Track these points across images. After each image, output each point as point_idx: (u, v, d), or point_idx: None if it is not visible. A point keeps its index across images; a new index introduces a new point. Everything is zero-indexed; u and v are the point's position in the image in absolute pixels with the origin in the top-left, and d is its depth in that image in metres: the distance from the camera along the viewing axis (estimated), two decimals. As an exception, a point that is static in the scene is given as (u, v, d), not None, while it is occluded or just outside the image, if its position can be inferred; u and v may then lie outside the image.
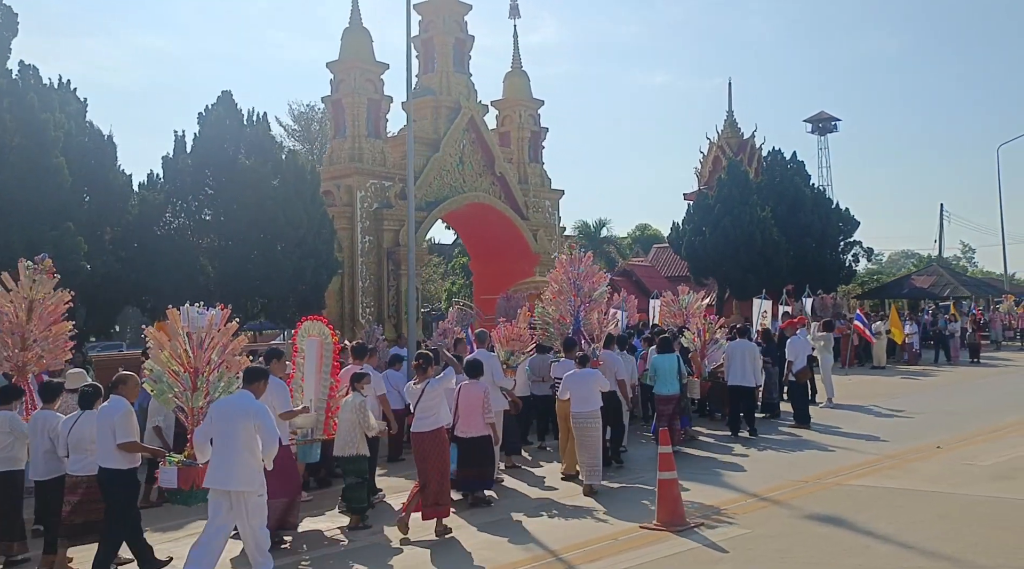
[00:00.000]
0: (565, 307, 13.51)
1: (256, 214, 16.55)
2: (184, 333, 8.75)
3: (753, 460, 12.22)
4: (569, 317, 13.52)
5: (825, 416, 16.66)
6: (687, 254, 34.57)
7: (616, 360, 13.15)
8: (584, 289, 13.51)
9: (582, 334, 13.47)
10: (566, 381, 11.46)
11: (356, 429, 9.54)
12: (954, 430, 13.99)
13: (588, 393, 11.14)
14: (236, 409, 7.23)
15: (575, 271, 13.51)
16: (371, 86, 23.87)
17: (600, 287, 13.73)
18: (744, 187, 34.20)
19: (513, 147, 28.16)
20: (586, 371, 11.37)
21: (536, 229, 27.37)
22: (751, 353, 15.29)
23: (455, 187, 25.59)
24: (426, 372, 9.55)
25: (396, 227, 23.54)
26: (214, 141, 17.34)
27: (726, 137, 46.45)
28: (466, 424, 10.25)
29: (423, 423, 9.32)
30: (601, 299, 13.75)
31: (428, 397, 9.31)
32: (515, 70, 28.86)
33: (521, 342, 13.18)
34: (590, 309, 13.59)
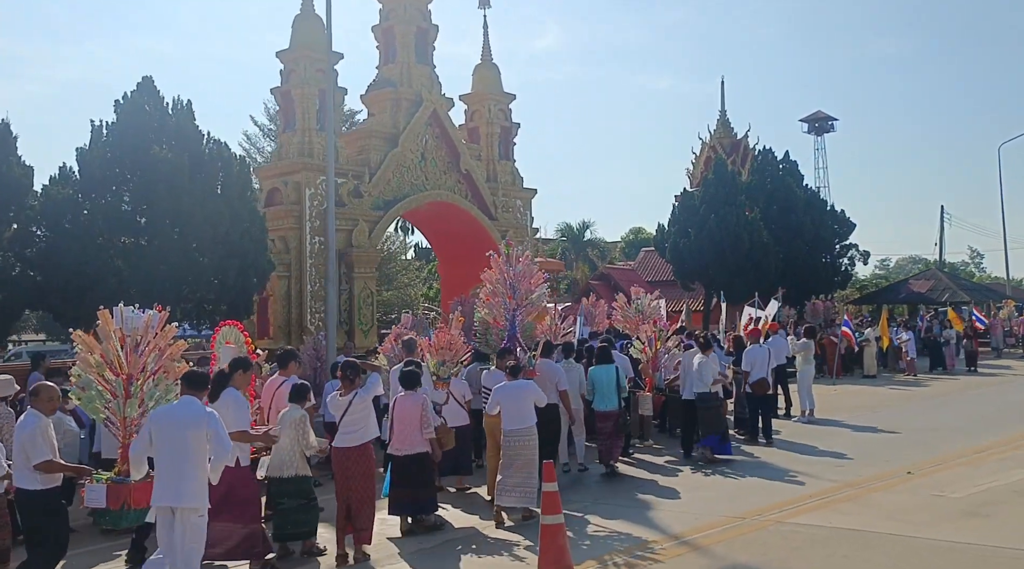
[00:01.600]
0: (499, 310, 12.02)
1: (171, 209, 15.09)
2: (116, 336, 7.98)
3: (694, 488, 10.69)
4: (504, 321, 12.02)
5: (797, 432, 15.15)
6: (672, 257, 33.02)
7: (556, 370, 11.73)
8: (520, 291, 12.01)
9: (517, 340, 11.99)
10: (495, 394, 10.17)
11: (295, 447, 8.45)
12: (932, 450, 12.45)
13: (521, 408, 9.83)
14: (183, 418, 6.60)
15: (511, 271, 12.00)
16: (323, 77, 22.38)
17: (538, 289, 12.22)
18: (731, 187, 32.63)
19: (482, 143, 26.66)
20: (519, 383, 9.98)
21: (505, 230, 25.82)
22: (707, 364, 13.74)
23: (416, 185, 24.10)
24: (352, 383, 8.49)
25: (349, 227, 22.07)
26: (131, 131, 15.89)
27: (719, 137, 44.99)
28: (401, 440, 9.23)
29: (348, 437, 8.37)
30: (539, 302, 12.23)
31: (355, 409, 8.36)
32: (485, 62, 27.35)
33: (454, 351, 11.67)
34: (527, 313, 12.08)
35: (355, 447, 8.30)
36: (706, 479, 11.28)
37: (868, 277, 64.53)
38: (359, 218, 22.20)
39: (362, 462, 8.31)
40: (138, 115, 16.12)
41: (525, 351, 11.95)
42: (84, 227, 15.37)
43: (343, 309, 22.10)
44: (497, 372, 11.08)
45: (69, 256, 14.93)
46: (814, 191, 39.06)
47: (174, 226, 15.24)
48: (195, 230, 15.32)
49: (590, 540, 8.39)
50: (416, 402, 9.26)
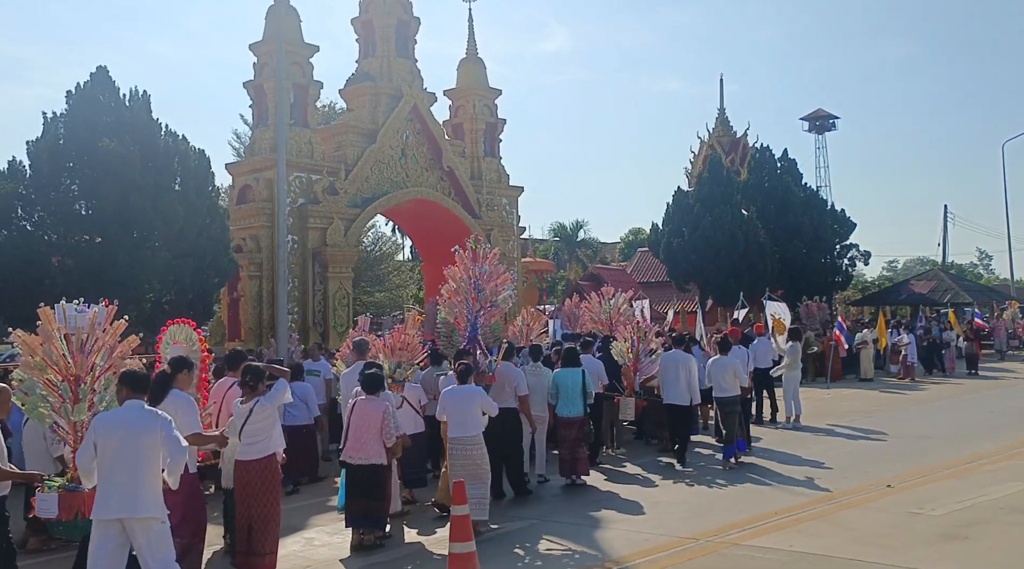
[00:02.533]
0: (461, 310, 11.22)
1: (119, 205, 14.37)
2: (61, 335, 7.44)
3: (658, 502, 9.88)
4: (465, 322, 11.23)
5: (780, 439, 14.33)
6: (665, 257, 32.19)
7: (515, 374, 10.94)
8: (486, 291, 11.21)
9: (478, 342, 11.20)
10: (442, 399, 9.46)
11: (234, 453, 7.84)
12: (919, 460, 11.62)
13: (467, 415, 9.15)
14: (133, 423, 6.09)
15: (477, 269, 11.19)
16: (298, 70, 21.71)
17: (504, 290, 11.42)
18: (726, 185, 31.78)
19: (467, 140, 25.91)
20: (466, 388, 9.24)
21: (490, 229, 25.09)
22: (687, 366, 12.94)
23: (396, 182, 23.35)
24: (254, 389, 7.73)
25: (323, 225, 21.35)
26: (82, 123, 15.18)
27: (717, 136, 44.20)
28: (357, 448, 8.55)
29: (249, 449, 7.59)
30: (505, 304, 11.41)
31: (257, 418, 7.58)
32: (469, 57, 26.63)
33: (410, 352, 10.88)
34: (491, 315, 11.29)
35: (257, 460, 7.53)
36: (672, 489, 10.49)
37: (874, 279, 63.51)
38: (334, 216, 21.47)
39: (265, 476, 7.54)
40: (90, 106, 15.39)
41: (486, 354, 11.17)
42: (34, 223, 14.64)
43: (317, 310, 21.39)
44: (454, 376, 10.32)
45: (16, 254, 14.22)
46: (813, 190, 38.17)
47: (123, 223, 14.47)
48: (146, 227, 14.56)
49: (524, 561, 7.61)
50: (378, 408, 8.58)
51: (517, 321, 16.64)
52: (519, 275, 26.72)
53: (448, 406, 9.23)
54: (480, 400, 9.29)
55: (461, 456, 9.09)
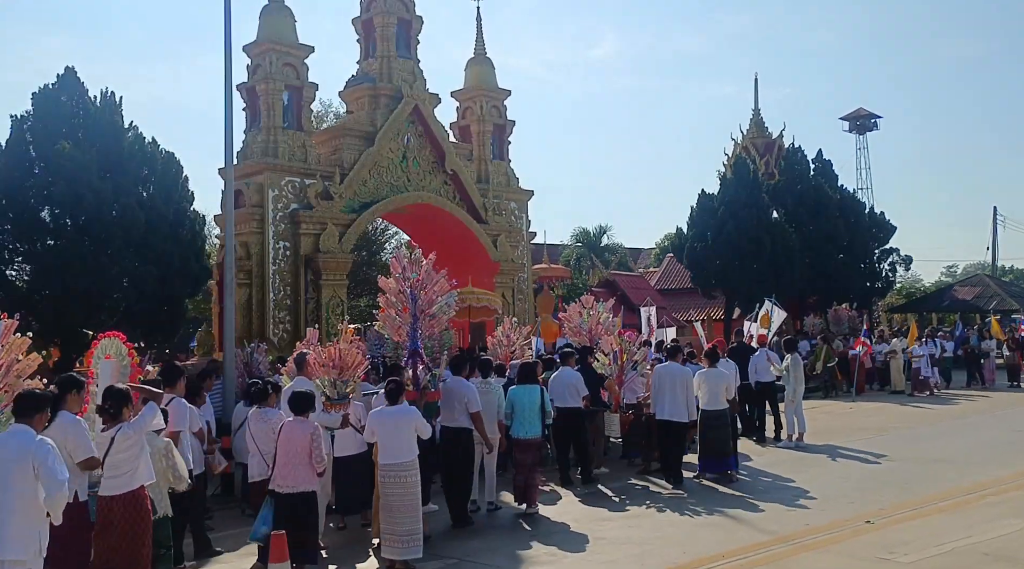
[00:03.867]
0: (396, 323, 10.35)
1: (75, 210, 13.82)
2: None
3: (602, 537, 8.87)
4: (404, 335, 10.35)
5: (774, 460, 13.21)
6: (689, 262, 30.95)
7: (465, 389, 10.04)
8: (420, 301, 10.32)
9: (420, 356, 10.31)
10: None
11: (161, 481, 7.34)
12: (914, 489, 10.41)
13: (399, 438, 8.31)
14: (7, 450, 5.69)
15: (410, 278, 10.32)
16: (292, 71, 21.03)
17: (442, 299, 10.53)
18: (753, 187, 30.41)
19: (474, 142, 25.03)
20: (397, 409, 8.35)
21: (496, 234, 24.15)
22: (683, 380, 11.88)
23: (396, 186, 22.55)
24: (117, 415, 6.93)
25: (316, 231, 20.61)
26: (42, 126, 14.71)
27: (751, 137, 42.65)
28: (284, 475, 7.82)
29: (112, 483, 6.82)
30: (442, 313, 10.52)
31: (120, 447, 6.81)
32: (478, 56, 25.74)
33: (346, 367, 10.02)
34: (430, 326, 10.39)
35: (119, 495, 6.74)
36: (628, 525, 9.43)
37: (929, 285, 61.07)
38: (328, 221, 20.73)
39: (129, 514, 6.74)
40: (53, 108, 14.89)
41: (428, 369, 10.27)
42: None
43: (309, 319, 20.66)
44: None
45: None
46: (850, 192, 36.47)
47: (80, 228, 13.92)
48: (103, 232, 13.97)
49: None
50: (305, 430, 7.86)
51: (497, 333, 15.74)
52: (528, 282, 25.75)
53: (378, 429, 8.35)
54: (412, 421, 8.41)
55: (393, 484, 8.21)
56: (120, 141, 15.07)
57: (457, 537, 9.20)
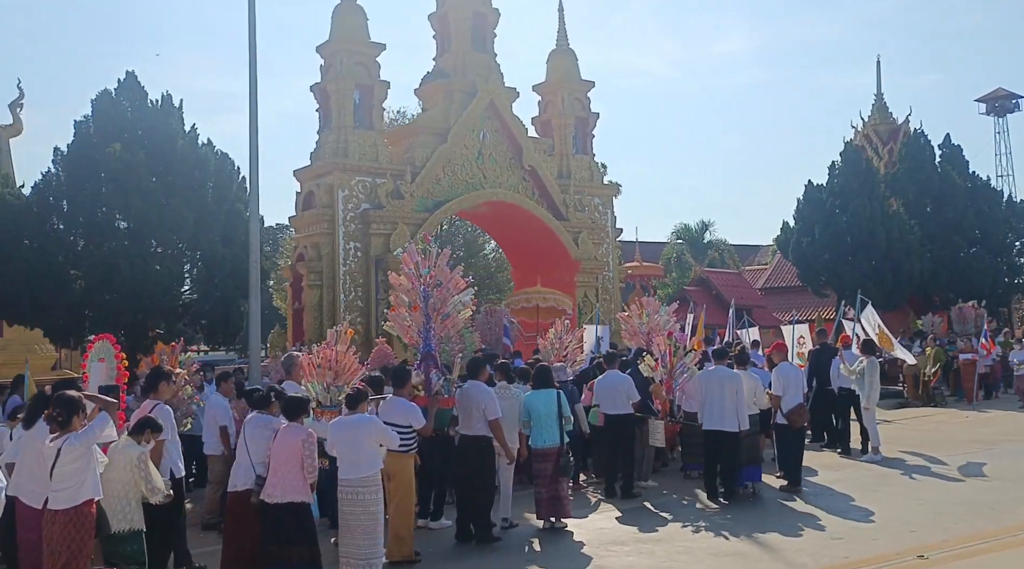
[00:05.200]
0: (407, 323, 9.67)
1: (123, 213, 13.89)
2: None
3: (604, 563, 7.90)
4: (417, 337, 9.67)
5: (845, 477, 11.78)
6: (795, 258, 29.00)
7: (485, 395, 9.23)
8: (432, 299, 9.60)
9: (434, 359, 9.60)
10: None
11: (130, 493, 7.00)
12: (989, 518, 8.89)
13: (359, 451, 7.63)
14: None
15: (423, 275, 9.61)
16: (363, 70, 20.84)
17: (460, 296, 9.78)
18: (866, 177, 28.23)
19: (555, 136, 24.18)
20: (356, 418, 7.72)
21: (578, 231, 23.22)
22: (732, 385, 10.73)
23: (471, 183, 21.99)
24: (66, 424, 6.54)
25: (387, 231, 20.29)
26: (99, 130, 14.91)
27: (873, 124, 39.91)
28: (274, 483, 7.33)
29: (57, 497, 6.42)
30: (456, 312, 9.75)
31: (66, 459, 6.40)
32: (560, 48, 24.88)
33: (342, 371, 9.45)
34: (443, 327, 9.66)
35: (63, 510, 6.34)
36: (642, 550, 8.42)
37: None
38: (398, 221, 20.38)
39: (72, 531, 6.33)
40: (111, 111, 15.07)
41: (441, 373, 9.55)
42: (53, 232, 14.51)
43: (380, 320, 20.33)
44: (396, 399, 8.79)
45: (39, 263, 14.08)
46: (984, 180, 33.32)
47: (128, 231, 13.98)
48: (150, 235, 13.97)
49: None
50: (296, 436, 7.32)
51: (549, 334, 14.83)
52: (615, 281, 24.66)
53: (336, 441, 7.69)
54: (375, 431, 7.70)
55: (350, 501, 7.52)
56: (173, 143, 15.04)
57: (452, 556, 8.42)
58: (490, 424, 9.14)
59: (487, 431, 9.17)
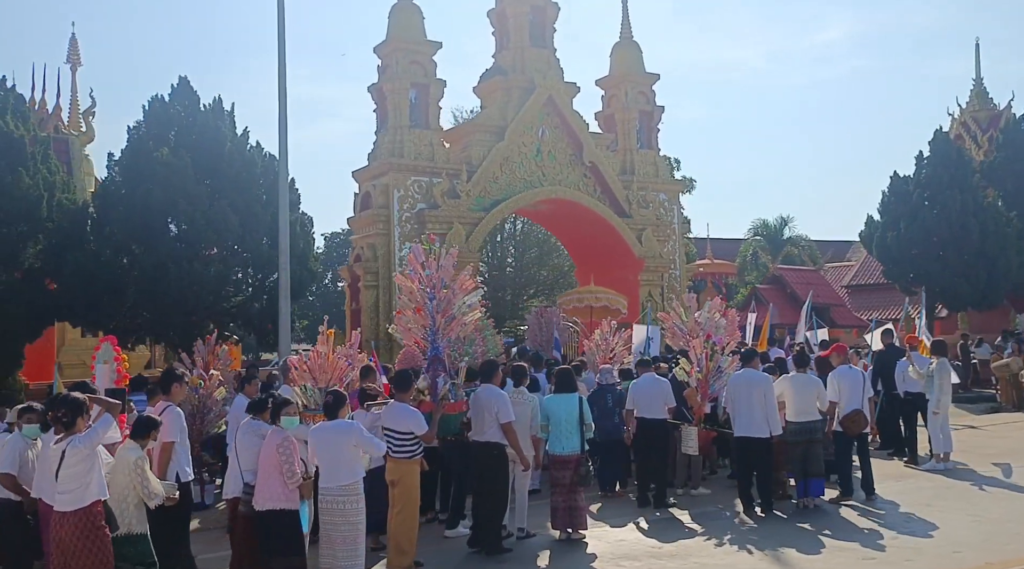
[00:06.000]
0: (415, 326, 9.38)
1: (170, 216, 14.08)
2: None
3: None
4: (425, 340, 9.37)
5: (905, 488, 10.92)
6: (879, 254, 27.52)
7: (499, 399, 8.84)
8: (438, 299, 9.30)
9: (442, 363, 9.29)
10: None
11: (129, 497, 6.91)
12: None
13: (339, 458, 7.34)
14: None
15: (430, 274, 9.32)
16: (419, 69, 20.70)
17: (468, 296, 9.44)
18: (957, 166, 26.50)
19: (618, 131, 23.55)
20: (335, 424, 7.44)
21: (642, 228, 22.54)
22: (760, 389, 10.07)
23: (530, 181, 21.58)
24: (71, 426, 6.45)
25: (443, 231, 20.05)
26: (150, 136, 15.18)
27: (972, 110, 37.73)
28: (259, 489, 7.21)
29: (64, 499, 6.35)
30: (462, 314, 9.42)
31: (71, 461, 6.31)
32: (624, 41, 24.22)
33: (331, 375, 9.23)
34: (451, 330, 9.33)
35: (71, 512, 6.25)
36: (652, 566, 7.85)
37: None
38: (454, 220, 20.15)
39: (82, 533, 6.23)
40: (161, 116, 15.34)
41: (449, 376, 9.21)
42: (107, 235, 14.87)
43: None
44: (397, 405, 8.51)
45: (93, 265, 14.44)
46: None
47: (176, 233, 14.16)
48: (196, 238, 14.11)
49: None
50: (272, 440, 7.14)
51: (595, 335, 14.33)
52: (682, 279, 23.85)
53: (317, 448, 7.41)
54: (356, 438, 7.39)
55: (330, 512, 7.25)
56: (222, 147, 15.18)
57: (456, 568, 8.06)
58: (503, 428, 8.74)
59: (500, 437, 8.78)
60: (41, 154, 14.99)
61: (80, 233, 14.79)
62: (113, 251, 14.46)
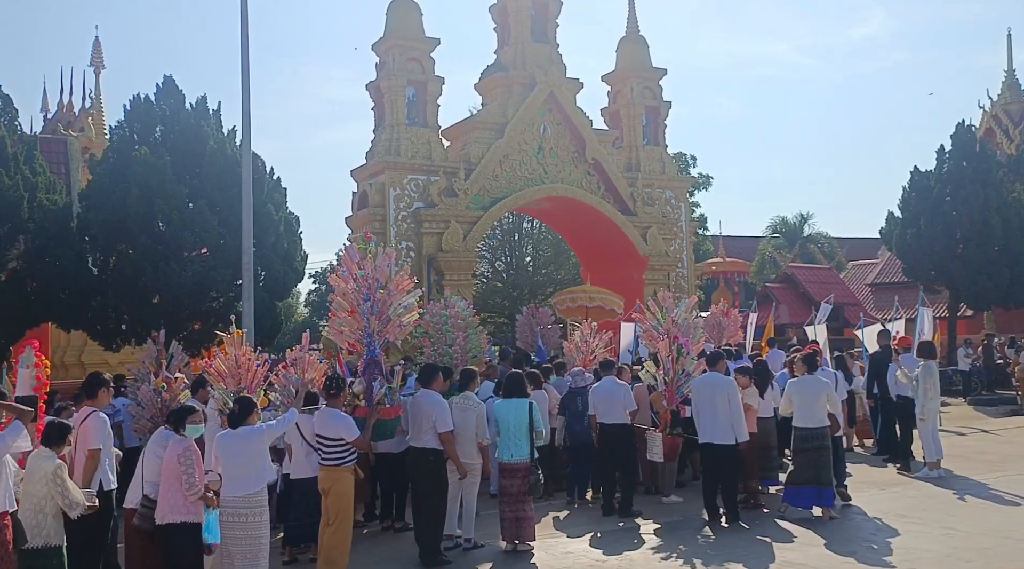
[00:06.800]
0: (350, 328, 9.09)
1: (146, 216, 13.96)
2: None
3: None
4: (360, 342, 9.07)
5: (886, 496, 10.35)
6: (899, 251, 26.66)
7: (437, 405, 8.52)
8: (373, 300, 8.98)
9: (379, 366, 8.98)
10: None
11: (46, 507, 6.69)
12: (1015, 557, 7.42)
13: (246, 466, 7.01)
14: None
15: (364, 274, 9.01)
16: (416, 66, 20.43)
17: (405, 297, 9.13)
18: (980, 160, 25.57)
19: (624, 127, 23.08)
20: (243, 431, 7.14)
21: (647, 226, 22.05)
22: (725, 393, 9.63)
23: (531, 179, 21.20)
24: None
25: (439, 230, 19.80)
26: (135, 134, 15.12)
27: (1003, 103, 36.68)
28: (160, 504, 6.97)
29: None
30: (398, 315, 9.07)
31: None
32: (630, 35, 23.74)
33: (245, 377, 8.93)
34: (386, 332, 9.02)
35: None
36: None
37: None
38: (451, 219, 19.85)
39: None
40: (144, 116, 15.26)
41: (386, 379, 8.90)
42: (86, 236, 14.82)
43: (433, 322, 19.88)
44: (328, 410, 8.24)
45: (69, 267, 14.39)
46: None
47: (152, 234, 14.04)
48: (174, 238, 13.98)
49: None
50: (174, 449, 6.85)
51: (576, 336, 13.93)
52: (690, 278, 23.30)
53: (221, 455, 7.09)
54: (257, 442, 7.06)
55: (230, 525, 6.92)
56: (203, 146, 15.03)
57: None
58: (440, 437, 8.42)
59: (437, 443, 8.46)
60: (24, 154, 14.96)
61: (64, 234, 14.71)
62: (94, 252, 14.36)
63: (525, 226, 36.52)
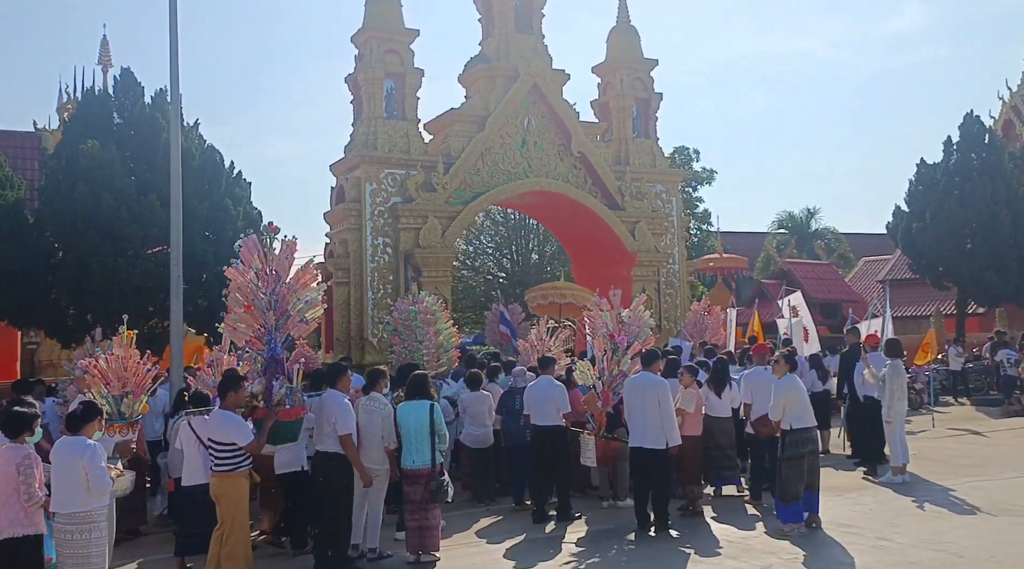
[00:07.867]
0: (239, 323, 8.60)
1: (92, 212, 13.66)
2: None
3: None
4: (260, 339, 8.58)
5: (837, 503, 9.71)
6: (904, 246, 25.79)
7: (339, 407, 8.11)
8: (272, 294, 8.48)
9: (280, 365, 8.49)
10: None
11: None
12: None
13: (69, 482, 6.50)
14: None
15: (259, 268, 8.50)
16: (395, 58, 19.98)
17: (307, 293, 8.63)
18: (988, 152, 24.65)
19: (613, 119, 22.45)
20: (70, 442, 6.66)
21: (635, 221, 21.41)
22: (656, 393, 9.06)
23: (514, 173, 20.66)
24: None
25: (417, 225, 19.32)
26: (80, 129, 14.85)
27: (1022, 94, 35.38)
28: None
29: None
30: (298, 311, 8.56)
31: None
32: (620, 25, 23.07)
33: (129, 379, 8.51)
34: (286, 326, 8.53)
35: None
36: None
37: None
38: (429, 214, 19.38)
39: None
40: (97, 110, 15.00)
41: (288, 379, 8.42)
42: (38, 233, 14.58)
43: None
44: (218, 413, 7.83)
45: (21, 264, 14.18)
46: None
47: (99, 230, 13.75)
48: (122, 234, 13.69)
49: None
50: (11, 459, 6.32)
51: (531, 335, 13.41)
52: (681, 275, 22.61)
53: (52, 465, 6.58)
54: (85, 461, 6.47)
55: (60, 542, 6.47)
56: (157, 139, 14.72)
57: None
58: (340, 440, 7.97)
59: (339, 447, 8.01)
60: (-20, 151, 14.79)
61: (19, 230, 14.49)
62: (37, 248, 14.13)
63: (531, 223, 36.03)
